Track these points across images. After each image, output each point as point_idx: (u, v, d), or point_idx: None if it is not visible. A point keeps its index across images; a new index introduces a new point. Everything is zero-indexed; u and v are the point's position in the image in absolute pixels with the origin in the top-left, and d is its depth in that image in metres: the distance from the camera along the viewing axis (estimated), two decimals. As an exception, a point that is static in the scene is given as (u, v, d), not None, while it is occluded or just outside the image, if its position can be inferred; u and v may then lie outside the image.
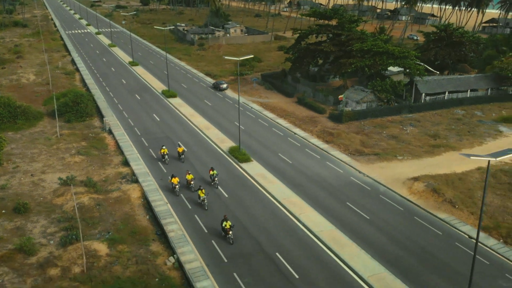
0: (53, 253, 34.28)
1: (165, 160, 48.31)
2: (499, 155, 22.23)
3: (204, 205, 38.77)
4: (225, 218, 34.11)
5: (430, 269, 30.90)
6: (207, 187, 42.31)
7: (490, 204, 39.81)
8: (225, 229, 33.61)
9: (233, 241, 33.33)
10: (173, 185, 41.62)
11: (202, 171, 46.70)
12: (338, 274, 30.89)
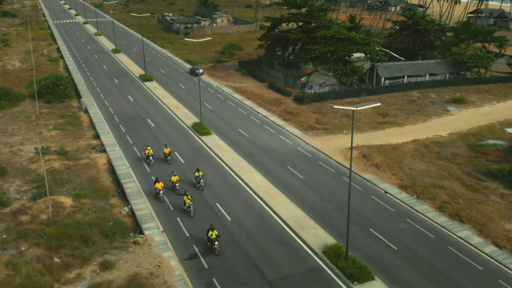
0: (25, 205, 41.19)
1: (149, 161, 47.01)
2: (361, 106, 29.10)
3: (190, 212, 37.47)
4: (211, 227, 32.43)
5: (343, 215, 37.78)
6: (192, 189, 41.84)
7: (414, 169, 46.72)
8: (211, 239, 31.93)
9: (219, 252, 31.83)
10: (157, 190, 39.98)
11: (171, 149, 53.60)
12: (263, 217, 37.89)
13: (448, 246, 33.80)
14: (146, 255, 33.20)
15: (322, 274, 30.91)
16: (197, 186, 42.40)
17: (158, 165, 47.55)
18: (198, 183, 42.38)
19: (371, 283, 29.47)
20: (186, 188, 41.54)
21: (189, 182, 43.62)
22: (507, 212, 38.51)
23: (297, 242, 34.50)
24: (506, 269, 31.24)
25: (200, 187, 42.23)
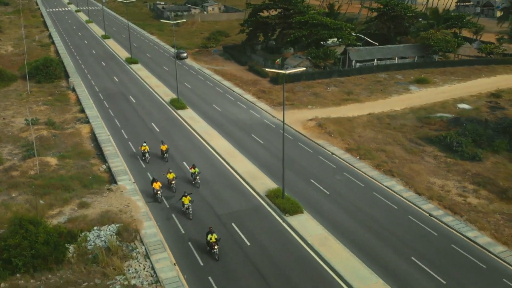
0: (15, 164, 48.77)
1: (145, 158, 47.22)
2: (289, 70, 36.57)
3: (189, 214, 36.90)
4: (210, 230, 32.07)
5: (290, 169, 45.32)
6: (188, 185, 42.27)
7: (363, 136, 54.20)
8: (210, 243, 31.61)
9: (218, 257, 31.58)
10: (155, 191, 39.68)
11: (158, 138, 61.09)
12: (222, 171, 45.46)
13: (373, 192, 41.33)
14: (118, 198, 40.81)
15: (262, 209, 38.53)
16: (193, 183, 42.32)
17: (155, 162, 47.32)
18: (194, 180, 42.29)
19: (300, 215, 37.07)
20: (181, 184, 41.98)
21: (184, 179, 43.60)
22: (435, 170, 45.98)
23: (246, 189, 42.13)
24: (416, 207, 38.75)
25: (196, 184, 42.07)
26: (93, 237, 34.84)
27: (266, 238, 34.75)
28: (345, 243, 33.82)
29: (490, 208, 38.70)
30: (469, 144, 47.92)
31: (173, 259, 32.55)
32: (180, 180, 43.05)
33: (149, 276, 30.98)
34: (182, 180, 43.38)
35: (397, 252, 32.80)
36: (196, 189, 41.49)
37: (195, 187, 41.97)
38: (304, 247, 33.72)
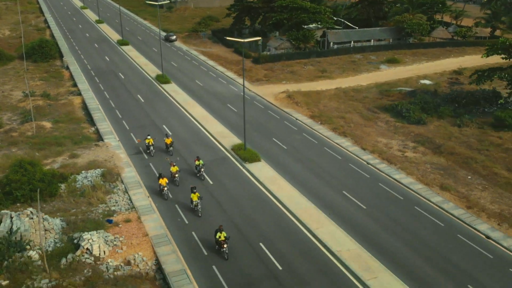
0: (15, 127, 56.93)
1: (150, 151, 47.52)
2: (246, 40, 44.43)
3: (198, 211, 36.85)
4: (219, 228, 31.98)
5: (256, 130, 53.33)
6: (192, 177, 42.82)
7: (327, 106, 62.16)
8: (219, 242, 31.63)
9: (228, 256, 31.52)
10: (161, 187, 39.49)
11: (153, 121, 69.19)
12: (197, 132, 53.56)
13: (324, 147, 49.38)
14: (104, 151, 48.96)
15: (227, 159, 46.69)
16: (198, 175, 42.77)
17: (159, 156, 47.56)
18: (198, 172, 42.72)
19: (257, 163, 45.18)
20: (186, 177, 42.62)
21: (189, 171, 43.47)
22: (384, 132, 53.97)
23: (216, 145, 50.28)
24: (357, 158, 46.77)
25: (201, 176, 42.48)
26: (81, 178, 42.98)
27: (227, 179, 42.87)
28: (290, 182, 41.91)
29: (422, 160, 46.71)
30: (416, 111, 55.85)
31: (147, 192, 40.68)
32: (184, 173, 43.27)
33: (127, 205, 39.14)
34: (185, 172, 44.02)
35: (333, 189, 40.87)
36: (200, 182, 41.96)
37: (200, 179, 42.39)
38: (257, 185, 41.87)
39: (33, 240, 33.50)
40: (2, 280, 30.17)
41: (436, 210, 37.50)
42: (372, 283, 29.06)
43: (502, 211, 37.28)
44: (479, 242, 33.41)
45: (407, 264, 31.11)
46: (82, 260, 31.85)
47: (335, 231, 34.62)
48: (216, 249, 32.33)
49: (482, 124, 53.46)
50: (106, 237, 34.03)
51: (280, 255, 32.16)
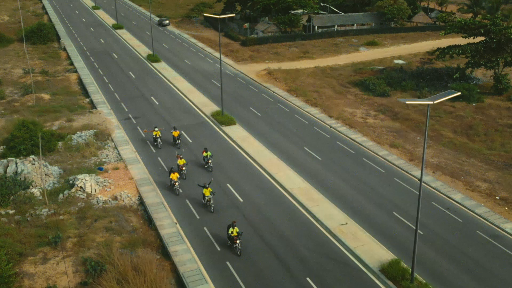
0: (16, 98, 64.29)
1: (157, 144, 47.85)
2: (222, 16, 51.60)
3: (210, 207, 36.78)
4: (232, 224, 31.92)
5: (236, 101, 60.52)
6: (200, 169, 43.30)
7: (304, 82, 69.31)
8: (232, 237, 31.68)
9: (240, 252, 31.54)
10: (172, 182, 39.42)
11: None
12: (181, 102, 60.88)
13: (295, 114, 56.60)
14: (97, 117, 56.27)
15: (206, 123, 54.01)
16: (205, 167, 43.28)
17: (166, 148, 47.90)
18: (206, 164, 43.22)
19: (233, 126, 52.47)
20: (193, 169, 43.08)
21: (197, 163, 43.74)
22: (351, 103, 61.12)
23: (197, 112, 57.58)
24: (322, 122, 53.97)
25: (209, 168, 42.96)
26: (76, 137, 50.27)
27: (204, 139, 50.16)
28: (259, 140, 49.18)
29: (380, 125, 53.91)
30: (382, 85, 62.99)
31: (133, 148, 48.00)
32: (192, 164, 43.82)
33: (115, 157, 46.45)
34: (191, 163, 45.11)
35: (295, 145, 48.08)
36: (208, 173, 42.44)
37: (208, 171, 42.99)
38: (230, 142, 49.20)
39: (34, 181, 40.87)
40: (9, 209, 37.52)
41: (381, 161, 44.75)
42: (314, 209, 36.32)
43: (439, 163, 44.47)
44: (411, 183, 40.61)
45: (345, 197, 38.37)
46: (76, 196, 39.16)
47: (291, 174, 41.91)
48: (228, 245, 32.34)
49: (440, 96, 60.50)
50: (97, 179, 41.37)
51: (243, 192, 39.43)
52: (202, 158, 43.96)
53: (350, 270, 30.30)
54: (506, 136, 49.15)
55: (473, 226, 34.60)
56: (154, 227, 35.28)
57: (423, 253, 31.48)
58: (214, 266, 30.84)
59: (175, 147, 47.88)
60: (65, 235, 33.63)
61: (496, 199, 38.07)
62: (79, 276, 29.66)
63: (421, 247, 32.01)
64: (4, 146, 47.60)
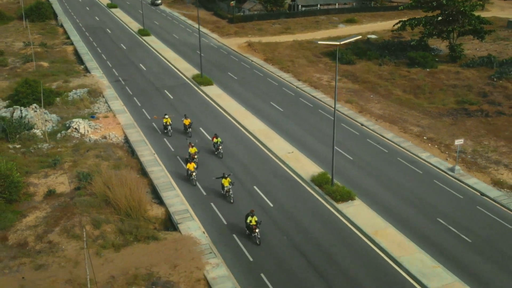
0: (18, 66, 73.45)
1: (167, 131, 48.31)
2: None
3: (230, 198, 36.57)
4: (251, 212, 31.97)
5: (215, 67, 69.50)
6: (211, 156, 43.66)
7: (281, 53, 78.24)
8: (251, 226, 31.77)
9: (260, 241, 31.66)
10: (189, 172, 39.32)
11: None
12: (166, 68, 69.93)
13: (267, 78, 65.60)
14: (90, 79, 65.38)
15: (187, 84, 63.12)
16: (216, 153, 43.74)
17: (177, 136, 48.17)
18: (216, 150, 43.63)
19: (210, 86, 61.52)
20: (203, 156, 43.02)
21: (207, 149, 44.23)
22: (320, 70, 70.02)
23: (180, 75, 66.73)
24: (290, 84, 62.99)
25: (219, 154, 43.43)
26: (72, 94, 59.40)
27: (185, 97, 59.22)
28: (232, 97, 58.25)
29: (341, 86, 62.82)
30: (349, 54, 71.88)
31: (122, 102, 57.12)
32: (202, 151, 43.62)
33: (106, 109, 55.58)
34: (201, 149, 65.57)
35: (263, 101, 57.07)
36: (219, 160, 43.24)
37: (218, 157, 43.62)
38: (207, 98, 58.30)
39: (36, 124, 50.04)
40: (16, 145, 46.67)
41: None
42: (269, 144, 45.44)
43: (384, 113, 53.46)
44: (354, 127, 49.65)
45: (296, 136, 47.32)
46: (71, 135, 48.32)
47: (255, 121, 51.03)
48: (246, 234, 32.58)
49: (399, 63, 69.47)
50: (90, 124, 50.55)
51: (212, 133, 48.51)
52: (212, 144, 44.43)
53: (290, 182, 39.43)
54: (448, 94, 58.03)
55: (396, 155, 43.63)
56: (136, 156, 44.43)
57: (349, 171, 40.58)
58: (184, 183, 39.99)
59: (186, 135, 47.86)
60: (63, 160, 42.76)
61: (424, 138, 47.03)
62: (74, 184, 38.83)
63: (348, 167, 41.18)
64: (10, 100, 56.74)
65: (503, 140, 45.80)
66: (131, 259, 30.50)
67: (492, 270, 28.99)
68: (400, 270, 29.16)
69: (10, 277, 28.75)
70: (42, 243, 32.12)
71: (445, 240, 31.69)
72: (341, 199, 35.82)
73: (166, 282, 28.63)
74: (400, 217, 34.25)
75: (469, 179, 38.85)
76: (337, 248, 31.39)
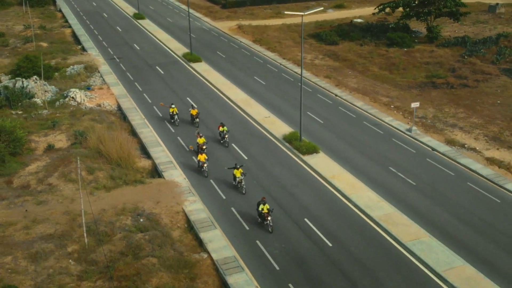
0: (18, 46, 78.91)
1: (174, 121, 48.41)
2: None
3: (242, 188, 36.57)
4: (262, 200, 32.19)
5: (205, 47, 74.88)
6: (216, 145, 43.82)
7: (270, 35, 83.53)
8: (263, 214, 31.97)
9: (272, 229, 31.91)
10: (200, 163, 39.21)
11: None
12: (159, 48, 75.38)
13: (254, 57, 71.00)
14: (87, 57, 70.82)
15: (178, 62, 68.60)
16: (221, 142, 43.94)
17: (184, 126, 48.25)
18: (222, 139, 43.87)
19: (199, 63, 66.97)
20: (209, 145, 42.93)
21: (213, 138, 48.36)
22: (305, 50, 75.22)
23: (171, 54, 72.16)
24: (275, 62, 68.35)
25: (225, 143, 43.70)
26: (70, 69, 64.86)
27: (175, 72, 64.65)
28: (218, 72, 63.68)
29: (323, 64, 68.21)
30: (333, 35, 77.22)
31: (116, 77, 62.55)
32: (207, 139, 43.42)
33: (101, 82, 61.02)
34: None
35: (246, 74, 62.50)
36: (224, 149, 43.57)
37: (224, 146, 43.93)
38: (195, 74, 63.75)
39: (36, 93, 55.51)
40: (18, 111, 52.14)
41: (312, 85, 59.16)
42: (248, 110, 50.93)
43: (358, 87, 58.82)
44: (329, 97, 55.01)
45: (274, 103, 52.72)
46: (69, 103, 53.80)
47: (238, 91, 56.50)
48: (258, 222, 32.89)
49: (379, 44, 74.79)
50: (86, 94, 56.02)
51: (198, 102, 53.89)
52: (218, 133, 44.46)
53: (264, 140, 44.92)
54: (420, 70, 63.33)
55: (362, 119, 49.05)
56: (127, 120, 49.91)
57: (318, 132, 46.01)
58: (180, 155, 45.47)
59: (194, 126, 47.84)
60: (61, 123, 48.23)
61: (391, 107, 52.42)
62: (70, 141, 44.35)
63: (318, 129, 46.68)
64: (12, 75, 62.17)
65: (462, 108, 51.16)
66: (120, 197, 35.98)
67: (429, 205, 34.42)
68: (349, 204, 34.67)
69: (15, 210, 34.23)
70: (43, 185, 37.62)
71: (393, 183, 37.15)
72: (307, 152, 41.28)
73: (149, 213, 34.11)
74: (357, 166, 39.71)
75: (423, 138, 44.26)
76: (299, 189, 36.91)
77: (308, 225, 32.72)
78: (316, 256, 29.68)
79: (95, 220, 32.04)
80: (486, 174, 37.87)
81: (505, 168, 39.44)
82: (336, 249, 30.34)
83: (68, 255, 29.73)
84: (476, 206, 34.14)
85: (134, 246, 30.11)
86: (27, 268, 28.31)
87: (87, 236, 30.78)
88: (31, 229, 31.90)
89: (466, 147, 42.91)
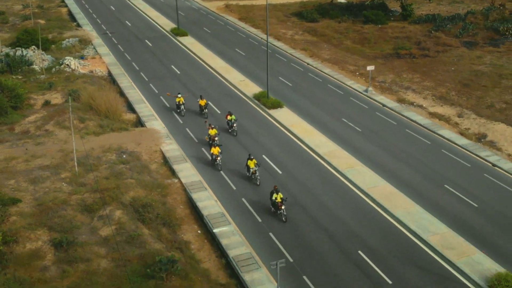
0: (17, 23, 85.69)
1: (180, 111, 48.50)
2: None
3: (256, 180, 36.47)
4: (275, 189, 32.46)
5: (196, 24, 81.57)
6: (224, 134, 43.24)
7: (256, 14, 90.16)
8: (276, 203, 32.26)
9: (286, 218, 32.25)
10: (214, 157, 38.81)
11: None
12: (149, 24, 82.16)
13: (238, 32, 77.77)
14: (81, 32, 77.65)
15: (166, 36, 75.51)
16: (230, 131, 44.12)
17: (193, 117, 48.30)
18: (230, 128, 44.09)
19: (186, 37, 73.75)
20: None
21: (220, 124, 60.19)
22: (287, 27, 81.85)
23: (160, 29, 79.00)
24: (257, 36, 75.09)
25: (233, 132, 43.96)
26: (65, 42, 71.71)
27: (163, 44, 71.49)
28: (204, 45, 70.52)
29: (301, 39, 74.91)
30: (314, 13, 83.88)
31: (107, 48, 69.40)
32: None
33: (94, 53, 67.87)
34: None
35: (229, 47, 69.27)
36: (233, 138, 43.86)
37: (232, 135, 44.21)
38: (181, 46, 70.64)
39: (35, 61, 62.39)
40: (19, 76, 59.03)
41: (288, 55, 65.92)
42: (225, 74, 57.80)
43: (330, 58, 65.54)
44: (301, 65, 61.88)
45: (252, 71, 59.52)
46: (64, 70, 60.68)
47: (219, 61, 63.54)
48: (272, 212, 33.15)
49: (356, 21, 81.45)
50: (79, 62, 62.91)
51: (183, 71, 60.62)
52: (226, 122, 44.66)
53: (237, 99, 51.94)
54: (389, 43, 70.04)
55: (327, 82, 55.96)
56: (116, 84, 56.80)
57: (285, 92, 52.86)
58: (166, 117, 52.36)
59: (202, 116, 47.53)
60: (57, 85, 55.13)
61: (356, 74, 59.23)
62: (64, 98, 51.25)
63: (285, 90, 53.62)
64: (12, 47, 69.04)
65: (419, 74, 57.98)
66: (107, 140, 42.90)
67: (369, 145, 41.34)
68: (302, 144, 41.83)
69: (17, 149, 41.14)
70: (40, 131, 44.58)
71: (342, 130, 44.15)
72: (272, 107, 48.25)
73: (131, 152, 41.04)
74: (313, 118, 46.66)
75: (377, 97, 51.15)
76: (263, 135, 43.96)
77: (265, 159, 39.66)
78: (268, 179, 36.64)
79: (86, 154, 38.94)
80: (424, 123, 44.77)
81: (444, 120, 46.29)
82: (285, 176, 37.30)
83: (62, 179, 36.64)
84: (408, 146, 41.13)
85: (116, 173, 37.05)
86: (28, 188, 35.20)
87: (77, 166, 37.69)
88: (30, 162, 38.80)
89: (414, 105, 49.77)
